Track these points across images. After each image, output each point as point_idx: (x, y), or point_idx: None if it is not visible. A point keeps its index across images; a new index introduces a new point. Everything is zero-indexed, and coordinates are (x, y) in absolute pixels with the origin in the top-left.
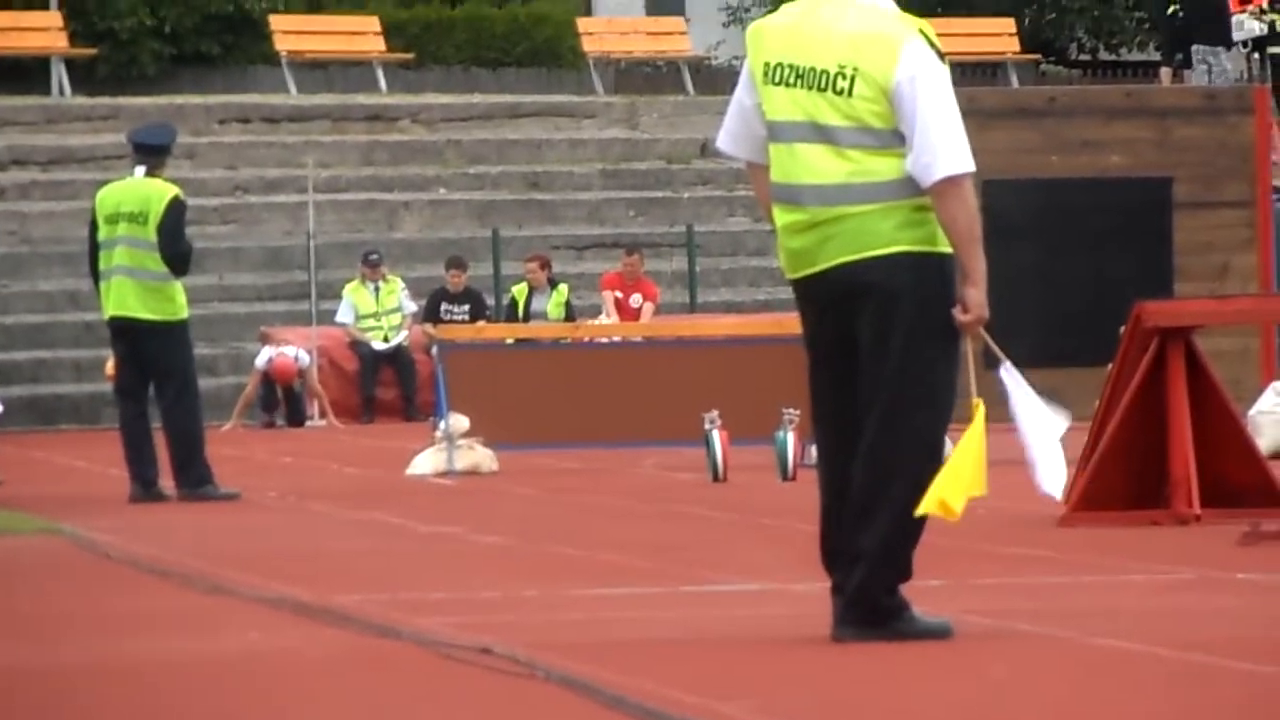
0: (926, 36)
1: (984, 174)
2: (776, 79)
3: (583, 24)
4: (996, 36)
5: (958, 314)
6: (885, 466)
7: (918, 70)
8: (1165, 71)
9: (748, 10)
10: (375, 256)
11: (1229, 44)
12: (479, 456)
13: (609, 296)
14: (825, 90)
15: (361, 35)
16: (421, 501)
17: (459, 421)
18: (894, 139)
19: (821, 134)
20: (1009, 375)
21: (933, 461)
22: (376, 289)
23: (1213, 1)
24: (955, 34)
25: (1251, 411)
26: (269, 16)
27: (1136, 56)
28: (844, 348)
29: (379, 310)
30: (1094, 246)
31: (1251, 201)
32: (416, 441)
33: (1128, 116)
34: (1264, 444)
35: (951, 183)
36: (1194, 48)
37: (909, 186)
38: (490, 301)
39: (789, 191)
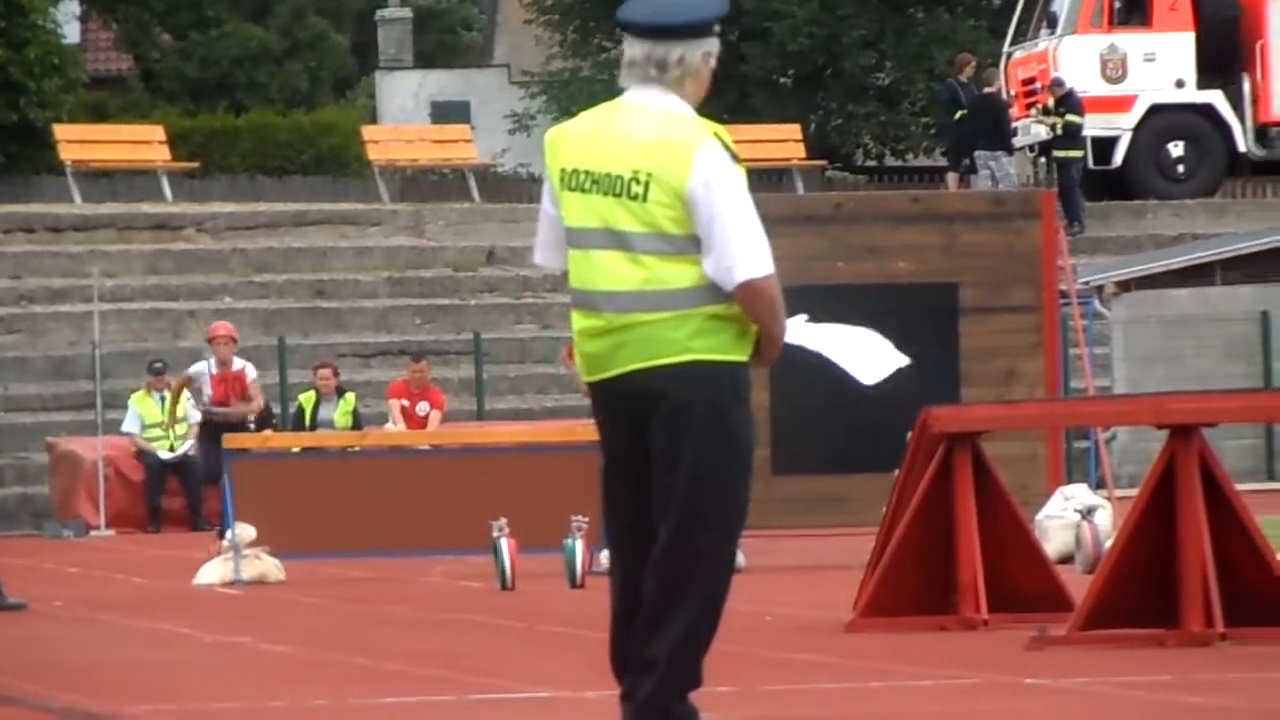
0: (721, 140)
1: None
2: (573, 185)
3: (368, 132)
4: (782, 143)
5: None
6: (676, 578)
7: (712, 175)
8: (951, 177)
9: (533, 118)
10: (160, 365)
11: (1012, 149)
12: (266, 566)
13: (396, 404)
14: (621, 196)
15: (146, 144)
16: (208, 611)
17: (245, 531)
18: (690, 245)
19: (617, 240)
20: (805, 329)
21: (723, 573)
22: (162, 398)
23: (997, 107)
24: (741, 140)
25: (1039, 516)
26: (53, 126)
27: (923, 162)
28: (638, 455)
29: (165, 419)
30: None
31: (1038, 306)
32: (203, 551)
33: (914, 222)
34: (1051, 549)
35: (753, 285)
36: (978, 153)
37: (704, 294)
38: (276, 410)
39: (585, 297)
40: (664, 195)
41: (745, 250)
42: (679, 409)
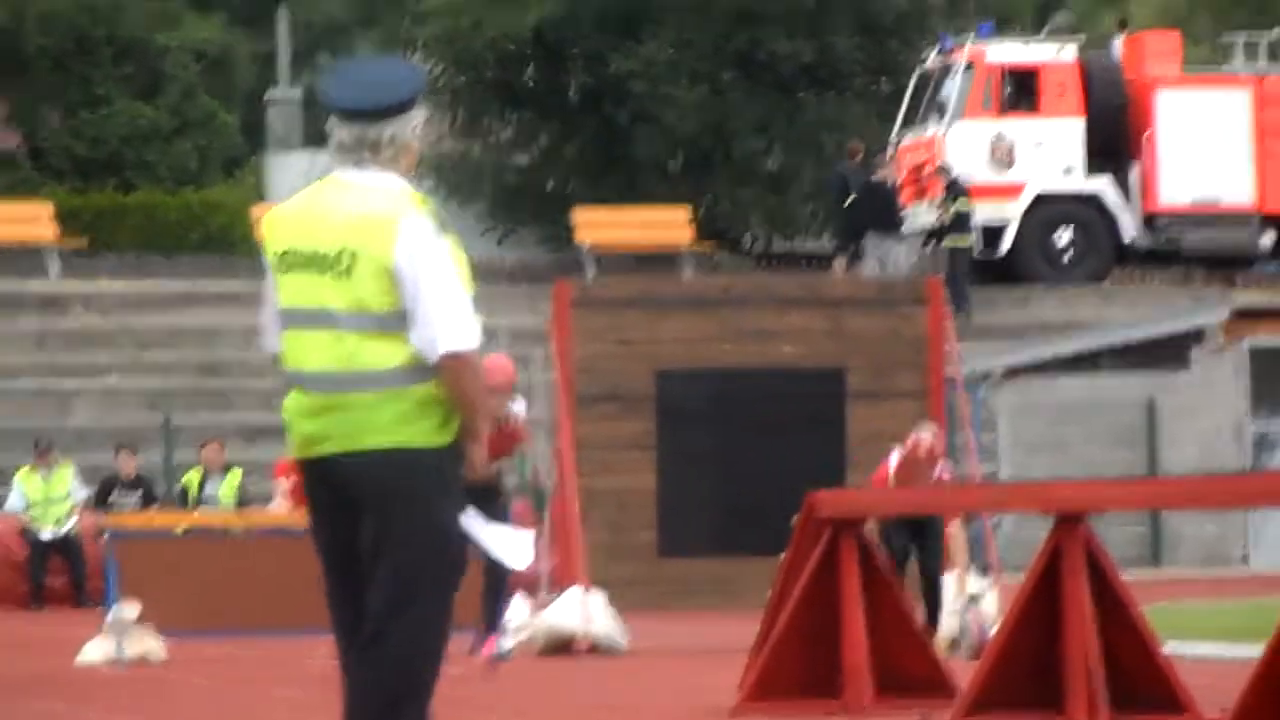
0: (428, 210)
1: (657, 364)
2: (285, 266)
3: (257, 211)
4: (671, 227)
5: (465, 470)
6: (374, 679)
7: (417, 247)
8: (839, 262)
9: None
10: (46, 443)
11: (900, 235)
12: (149, 644)
13: (282, 483)
14: (329, 274)
15: (34, 222)
16: (91, 691)
17: (129, 609)
18: (397, 322)
19: (325, 320)
20: (469, 521)
21: (424, 674)
22: (47, 476)
23: (885, 193)
24: (630, 224)
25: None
26: None
27: (811, 247)
28: (349, 546)
29: (49, 497)
30: (768, 436)
31: (924, 392)
32: (86, 629)
33: (802, 307)
34: (938, 634)
35: (456, 358)
36: (866, 239)
37: (410, 375)
38: (161, 488)
39: (296, 377)
40: (370, 270)
41: (450, 321)
42: (383, 496)
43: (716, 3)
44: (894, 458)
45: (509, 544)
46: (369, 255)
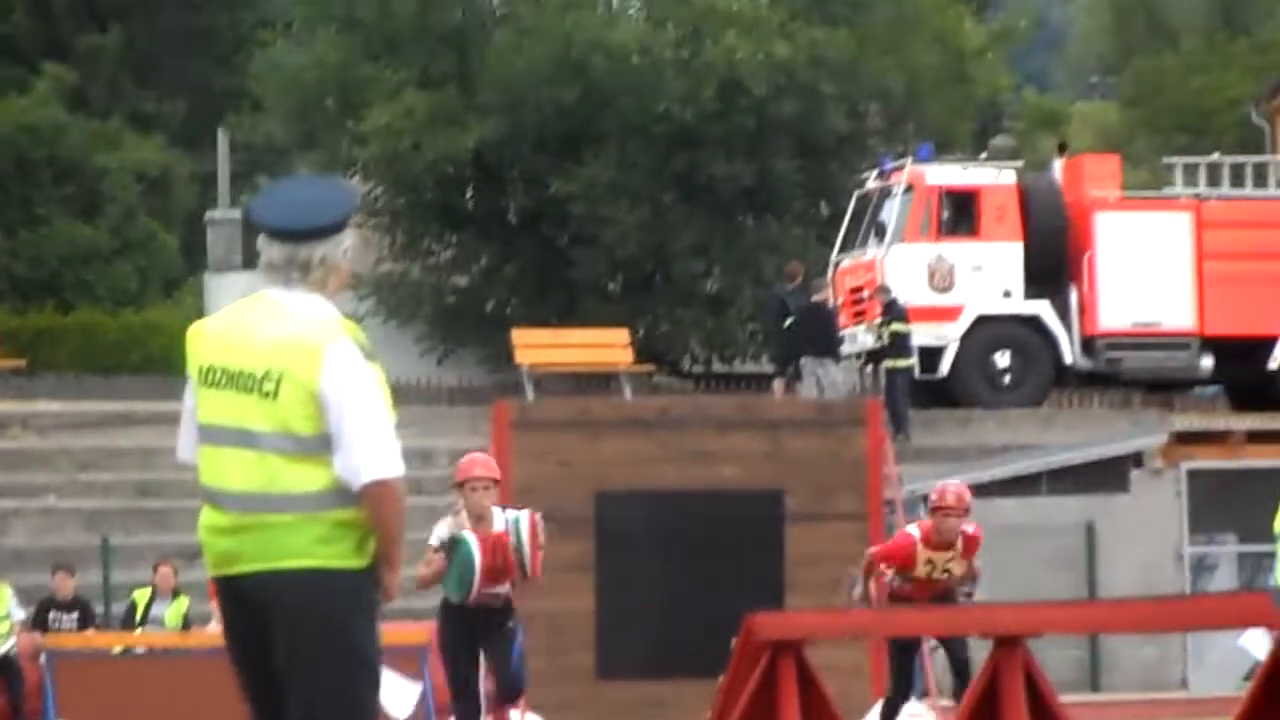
0: (355, 337)
1: (597, 485)
2: (209, 381)
3: None
4: (610, 348)
5: (380, 596)
6: None
7: (343, 374)
8: (778, 384)
9: (362, 319)
10: None
11: (839, 357)
12: None
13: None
14: (253, 393)
15: None
16: None
17: None
18: (319, 445)
19: (247, 439)
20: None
21: None
22: None
23: (824, 315)
24: (569, 344)
25: None
26: None
27: (750, 368)
28: (265, 664)
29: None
30: (706, 558)
31: (863, 514)
32: None
33: (741, 428)
34: None
35: (379, 485)
36: (804, 360)
37: (329, 499)
38: (100, 609)
39: (213, 495)
40: (296, 394)
41: (374, 449)
42: (298, 617)
43: (656, 125)
44: (913, 528)
45: (394, 692)
46: (295, 380)
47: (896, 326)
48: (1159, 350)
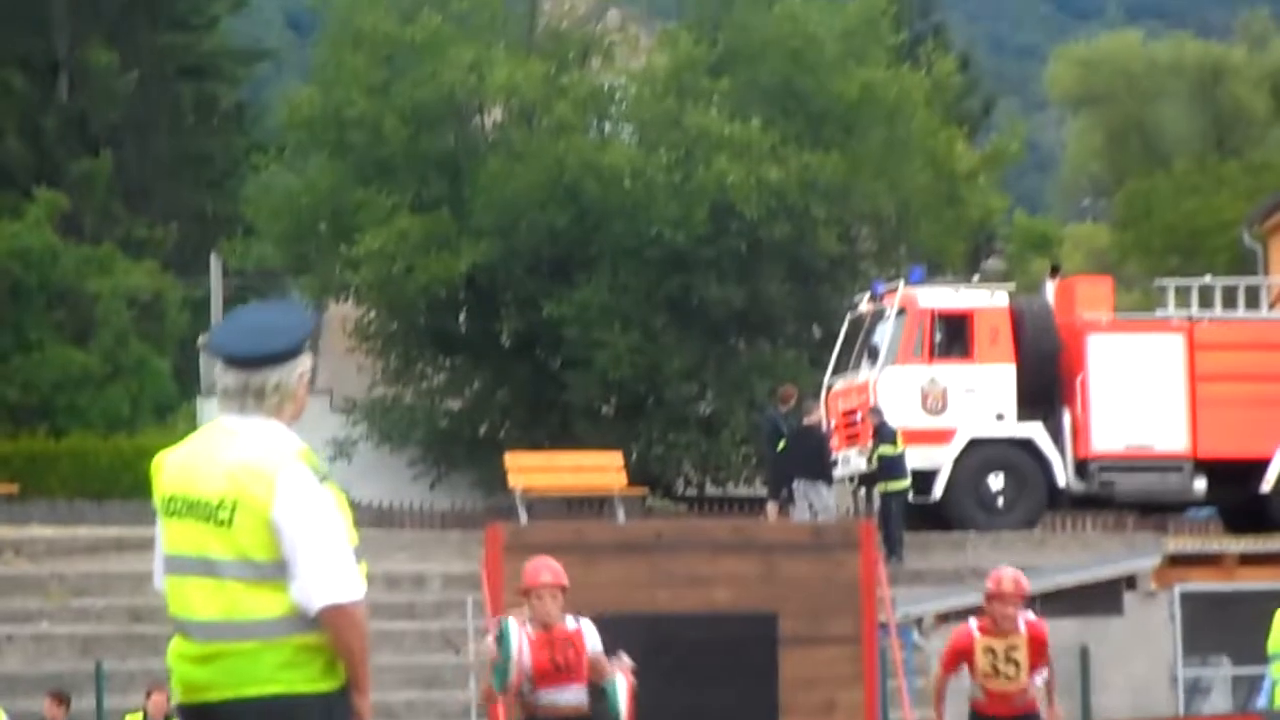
0: (309, 461)
1: (591, 608)
2: (170, 511)
3: None
4: (604, 470)
5: None
6: None
7: (296, 500)
8: (771, 507)
9: (354, 444)
10: None
11: (831, 480)
12: None
13: None
14: (210, 522)
15: None
16: None
17: None
18: (277, 571)
19: (207, 567)
20: None
21: None
22: None
23: (817, 438)
24: (563, 468)
25: None
26: None
27: (743, 491)
28: None
29: None
30: (701, 682)
31: (857, 637)
32: None
33: (734, 551)
34: None
35: (338, 610)
36: (797, 483)
37: (292, 624)
38: None
39: (181, 624)
40: (250, 521)
41: (329, 575)
42: None
43: (648, 248)
44: (971, 621)
45: None
46: (248, 507)
47: (884, 449)
48: (1152, 473)
